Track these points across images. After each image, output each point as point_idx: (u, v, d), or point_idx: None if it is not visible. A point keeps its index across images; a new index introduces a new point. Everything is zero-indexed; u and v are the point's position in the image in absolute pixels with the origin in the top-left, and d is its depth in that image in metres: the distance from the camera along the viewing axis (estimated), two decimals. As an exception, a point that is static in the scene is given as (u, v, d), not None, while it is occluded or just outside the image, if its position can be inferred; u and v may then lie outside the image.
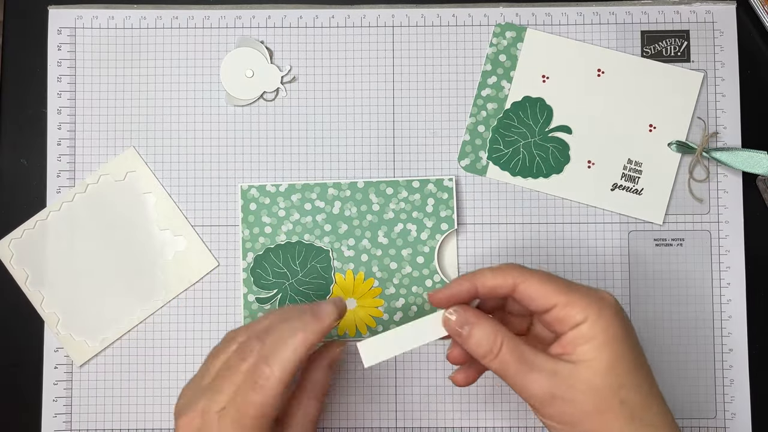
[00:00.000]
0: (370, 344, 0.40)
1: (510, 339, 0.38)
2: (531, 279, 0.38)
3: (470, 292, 0.39)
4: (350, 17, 0.52)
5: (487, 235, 0.51)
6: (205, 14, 0.52)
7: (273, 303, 0.50)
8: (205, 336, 0.51)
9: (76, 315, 0.50)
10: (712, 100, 0.51)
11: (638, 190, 0.51)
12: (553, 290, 0.38)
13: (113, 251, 0.51)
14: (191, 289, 0.51)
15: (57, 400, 0.50)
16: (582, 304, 0.37)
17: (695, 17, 0.52)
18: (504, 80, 0.51)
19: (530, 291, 0.38)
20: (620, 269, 0.51)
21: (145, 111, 0.52)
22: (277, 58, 0.52)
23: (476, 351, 0.38)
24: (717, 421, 0.50)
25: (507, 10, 0.52)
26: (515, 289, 0.39)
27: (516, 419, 0.50)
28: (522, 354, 0.38)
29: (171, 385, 0.50)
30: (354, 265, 0.50)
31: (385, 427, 0.50)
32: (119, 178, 0.51)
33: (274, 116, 0.52)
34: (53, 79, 0.52)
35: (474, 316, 0.39)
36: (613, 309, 0.38)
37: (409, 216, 0.50)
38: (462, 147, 0.51)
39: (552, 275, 0.39)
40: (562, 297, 0.38)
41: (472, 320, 0.39)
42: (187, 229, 0.51)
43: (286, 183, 0.51)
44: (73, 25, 0.52)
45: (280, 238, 0.50)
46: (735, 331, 0.50)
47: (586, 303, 0.38)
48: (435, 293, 0.40)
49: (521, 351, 0.38)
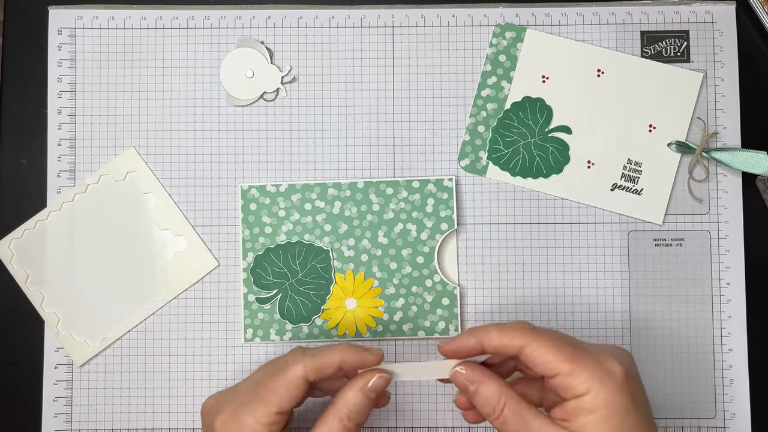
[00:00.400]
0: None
1: (513, 401, 0.39)
2: (537, 343, 0.38)
3: (476, 349, 0.40)
4: (350, 17, 0.52)
5: (487, 235, 0.51)
6: (205, 14, 0.52)
7: (273, 303, 0.50)
8: (205, 336, 0.51)
9: (76, 315, 0.50)
10: (711, 100, 0.51)
11: (638, 190, 0.51)
12: (558, 358, 0.38)
13: (113, 251, 0.51)
14: (191, 289, 0.51)
15: (57, 400, 0.50)
16: (585, 376, 0.37)
17: (695, 17, 0.52)
18: (504, 80, 0.51)
19: (535, 356, 0.38)
20: (620, 269, 0.51)
21: (145, 111, 0.52)
22: (277, 58, 0.52)
23: (481, 409, 0.40)
24: (717, 421, 0.50)
25: (507, 11, 0.52)
26: (521, 352, 0.39)
27: (516, 419, 0.50)
28: (523, 417, 0.39)
29: (171, 385, 0.50)
30: (354, 265, 0.50)
31: (385, 427, 0.50)
32: (119, 178, 0.51)
33: (274, 116, 0.52)
34: (53, 79, 0.52)
35: (480, 375, 0.40)
36: (619, 382, 0.38)
37: (409, 216, 0.50)
38: (462, 147, 0.51)
39: (561, 338, 0.39)
40: (566, 366, 0.38)
41: (478, 379, 0.40)
42: (187, 229, 0.51)
43: (286, 183, 0.51)
44: (73, 25, 0.52)
45: (281, 238, 0.50)
46: (735, 331, 0.50)
47: (590, 374, 0.38)
48: (444, 344, 0.41)
49: (522, 414, 0.39)
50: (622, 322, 0.50)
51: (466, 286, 0.51)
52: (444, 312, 0.50)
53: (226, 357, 0.50)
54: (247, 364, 0.50)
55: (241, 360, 0.50)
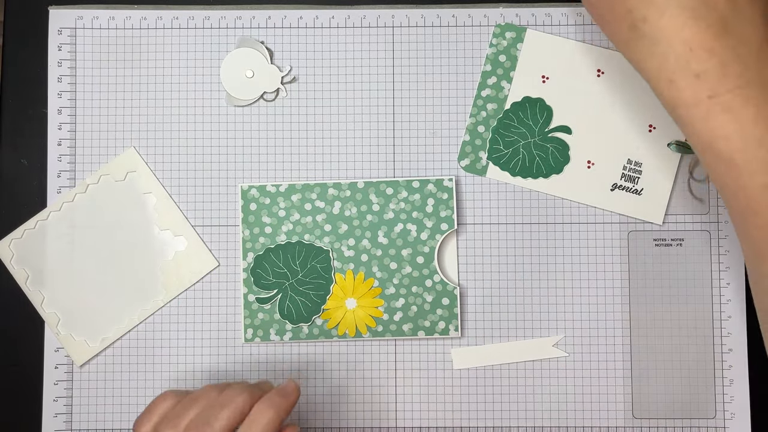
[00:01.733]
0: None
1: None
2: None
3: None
4: (350, 17, 0.52)
5: (487, 235, 0.51)
6: (205, 14, 0.52)
7: (273, 303, 0.50)
8: (205, 336, 0.51)
9: (76, 315, 0.50)
10: (711, 100, 0.51)
11: (638, 191, 0.51)
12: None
13: (113, 251, 0.51)
14: (191, 289, 0.51)
15: (57, 400, 0.50)
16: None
17: (695, 17, 0.52)
18: (504, 80, 0.51)
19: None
20: (620, 269, 0.51)
21: (145, 111, 0.52)
22: (277, 58, 0.52)
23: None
24: (717, 421, 0.50)
25: (507, 11, 0.52)
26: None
27: (516, 419, 0.50)
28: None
29: (171, 386, 0.50)
30: (354, 265, 0.50)
31: (385, 427, 0.50)
32: (119, 178, 0.51)
33: (274, 116, 0.52)
34: (53, 79, 0.52)
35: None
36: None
37: (409, 216, 0.50)
38: (462, 147, 0.51)
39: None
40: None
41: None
42: (187, 229, 0.51)
43: (286, 183, 0.51)
44: (73, 25, 0.52)
45: (281, 238, 0.50)
46: (735, 331, 0.50)
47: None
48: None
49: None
50: (622, 322, 0.50)
51: (466, 286, 0.51)
52: (444, 312, 0.50)
53: (226, 357, 0.50)
54: (247, 364, 0.50)
55: (241, 360, 0.50)
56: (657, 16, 0.34)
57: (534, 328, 0.50)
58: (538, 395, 0.50)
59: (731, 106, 0.33)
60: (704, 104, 0.34)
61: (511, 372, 0.50)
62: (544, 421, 0.50)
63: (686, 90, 0.34)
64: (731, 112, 0.33)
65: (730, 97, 0.33)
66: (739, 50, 0.33)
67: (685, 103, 0.34)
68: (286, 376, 0.50)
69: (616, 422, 0.50)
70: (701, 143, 0.35)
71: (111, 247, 0.51)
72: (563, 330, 0.50)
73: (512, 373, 0.50)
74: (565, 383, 0.50)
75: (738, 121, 0.33)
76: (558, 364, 0.50)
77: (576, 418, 0.50)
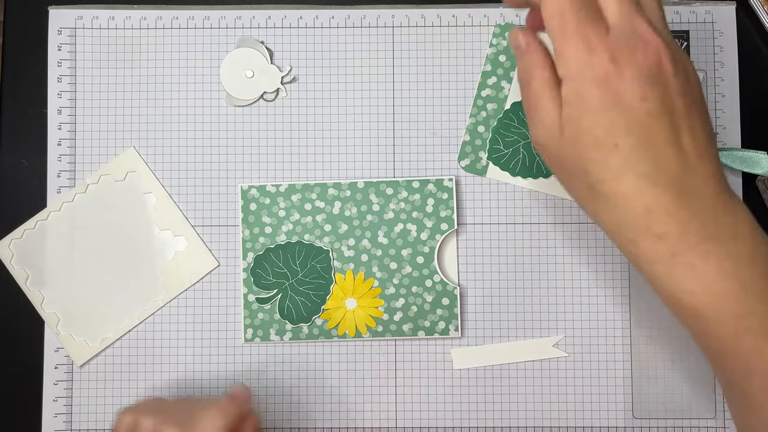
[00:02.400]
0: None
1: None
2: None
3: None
4: (350, 17, 0.52)
5: (487, 235, 0.51)
6: (205, 14, 0.52)
7: (273, 303, 0.50)
8: (205, 336, 0.51)
9: (76, 315, 0.50)
10: (711, 100, 0.51)
11: (638, 190, 0.51)
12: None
13: (113, 251, 0.51)
14: (191, 289, 0.51)
15: (57, 400, 0.50)
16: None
17: (695, 17, 0.52)
18: (504, 81, 0.51)
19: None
20: (620, 269, 0.51)
21: (145, 111, 0.52)
22: (277, 58, 0.52)
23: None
24: (717, 421, 0.50)
25: (507, 11, 0.52)
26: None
27: (516, 419, 0.50)
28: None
29: (171, 386, 0.50)
30: (354, 265, 0.50)
31: (385, 427, 0.50)
32: (119, 178, 0.51)
33: (274, 116, 0.52)
34: (53, 79, 0.52)
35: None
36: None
37: (409, 216, 0.50)
38: (462, 147, 0.51)
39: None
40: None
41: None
42: (187, 229, 0.51)
43: (286, 183, 0.51)
44: (73, 25, 0.52)
45: (281, 238, 0.50)
46: (735, 331, 0.50)
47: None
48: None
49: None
50: (622, 322, 0.50)
51: (466, 286, 0.51)
52: (444, 312, 0.50)
53: (226, 357, 0.50)
54: (247, 364, 0.50)
55: (241, 360, 0.50)
56: (614, 181, 0.34)
57: (534, 328, 0.50)
58: (538, 395, 0.50)
59: (693, 262, 0.34)
60: (667, 262, 0.34)
61: (511, 372, 0.50)
62: (544, 421, 0.50)
63: (648, 250, 0.35)
64: (694, 268, 0.34)
65: (693, 254, 0.34)
66: (695, 208, 0.34)
67: (648, 260, 0.35)
68: (286, 376, 0.50)
69: (616, 422, 0.50)
70: (667, 296, 0.36)
71: (111, 247, 0.51)
72: (563, 330, 0.50)
73: (512, 373, 0.50)
74: (565, 383, 0.50)
75: (700, 277, 0.34)
76: (558, 364, 0.50)
77: (576, 418, 0.50)
